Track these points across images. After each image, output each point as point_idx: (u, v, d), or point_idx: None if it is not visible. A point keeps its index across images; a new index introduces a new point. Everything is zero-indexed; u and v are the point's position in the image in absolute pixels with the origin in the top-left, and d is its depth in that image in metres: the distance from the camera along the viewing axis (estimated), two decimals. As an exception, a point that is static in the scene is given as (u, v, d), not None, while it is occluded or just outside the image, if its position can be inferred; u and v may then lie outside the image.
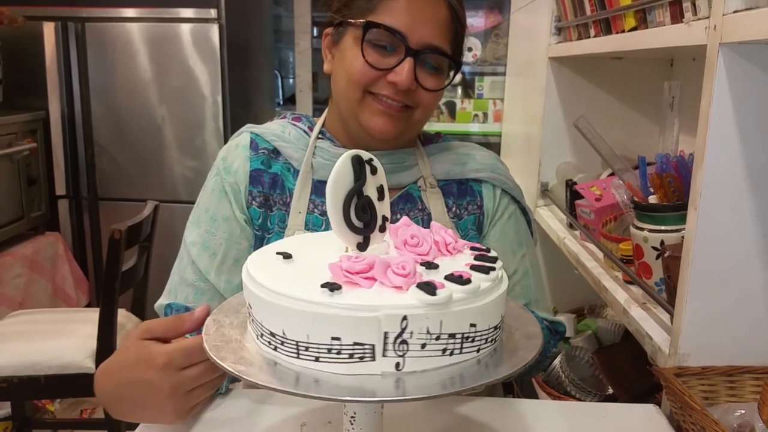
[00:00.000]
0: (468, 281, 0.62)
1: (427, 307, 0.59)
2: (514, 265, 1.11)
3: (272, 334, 0.63)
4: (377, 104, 0.99)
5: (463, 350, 0.63)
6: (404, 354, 0.60)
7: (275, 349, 0.64)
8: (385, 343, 0.59)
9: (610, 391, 1.59)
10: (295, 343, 0.61)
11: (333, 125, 1.10)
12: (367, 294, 0.61)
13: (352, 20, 0.99)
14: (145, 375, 0.78)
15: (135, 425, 0.89)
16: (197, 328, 0.80)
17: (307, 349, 0.61)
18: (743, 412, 0.84)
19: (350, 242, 0.70)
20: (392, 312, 0.58)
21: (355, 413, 0.70)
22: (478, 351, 0.64)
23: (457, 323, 0.61)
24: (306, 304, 0.60)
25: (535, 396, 1.66)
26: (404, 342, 0.60)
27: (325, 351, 0.60)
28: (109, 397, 0.85)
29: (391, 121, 1.00)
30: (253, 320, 0.67)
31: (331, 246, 0.73)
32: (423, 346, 0.60)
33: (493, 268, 0.67)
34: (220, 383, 0.84)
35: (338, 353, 0.60)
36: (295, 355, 0.62)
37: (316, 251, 0.73)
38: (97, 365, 1.90)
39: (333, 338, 0.60)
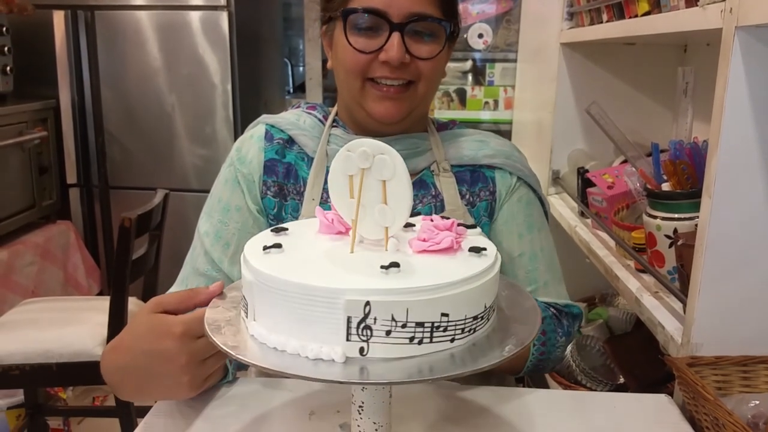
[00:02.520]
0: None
1: None
2: (520, 248, 1.09)
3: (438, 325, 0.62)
4: (378, 91, 0.99)
5: None
6: None
7: (425, 340, 0.61)
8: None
9: (621, 380, 1.58)
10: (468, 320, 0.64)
11: (343, 115, 1.11)
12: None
13: (334, 13, 1.00)
14: (161, 345, 0.78)
15: (145, 412, 0.89)
16: (211, 298, 0.80)
17: (475, 319, 0.64)
18: (758, 402, 0.83)
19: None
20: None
21: (363, 402, 0.69)
22: None
23: None
24: (476, 279, 0.63)
25: (545, 385, 1.65)
26: None
27: (482, 319, 0.65)
28: (119, 373, 0.84)
29: (395, 104, 1.00)
30: (405, 323, 0.60)
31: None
32: None
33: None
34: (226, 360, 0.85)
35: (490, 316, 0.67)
36: (467, 331, 0.64)
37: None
38: (107, 353, 1.91)
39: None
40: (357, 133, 1.07)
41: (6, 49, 2.83)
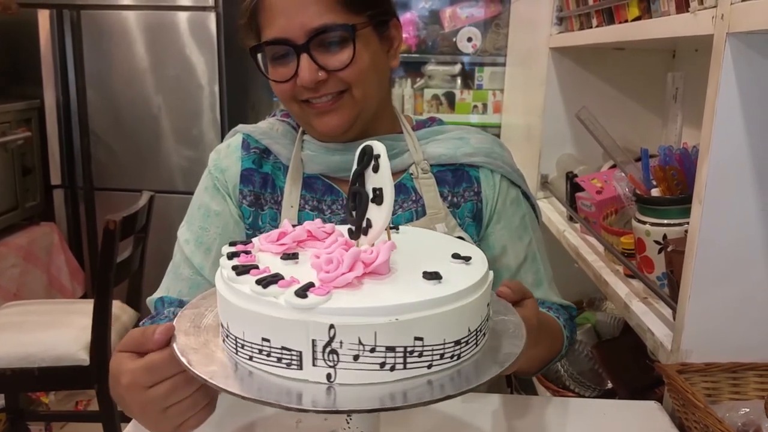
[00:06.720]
0: None
1: None
2: (523, 251, 1.07)
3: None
4: (313, 109, 0.98)
5: None
6: None
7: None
8: None
9: (610, 385, 1.58)
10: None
11: None
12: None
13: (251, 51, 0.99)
14: (117, 391, 0.73)
15: (129, 419, 0.87)
16: (159, 348, 0.71)
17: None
18: (747, 410, 0.83)
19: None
20: None
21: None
22: None
23: None
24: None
25: (533, 390, 1.65)
26: None
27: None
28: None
29: (335, 115, 0.97)
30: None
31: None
32: None
33: None
34: (206, 402, 0.72)
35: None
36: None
37: None
38: (90, 357, 1.89)
39: None
40: (327, 140, 1.05)
41: (-10, 48, 2.80)
